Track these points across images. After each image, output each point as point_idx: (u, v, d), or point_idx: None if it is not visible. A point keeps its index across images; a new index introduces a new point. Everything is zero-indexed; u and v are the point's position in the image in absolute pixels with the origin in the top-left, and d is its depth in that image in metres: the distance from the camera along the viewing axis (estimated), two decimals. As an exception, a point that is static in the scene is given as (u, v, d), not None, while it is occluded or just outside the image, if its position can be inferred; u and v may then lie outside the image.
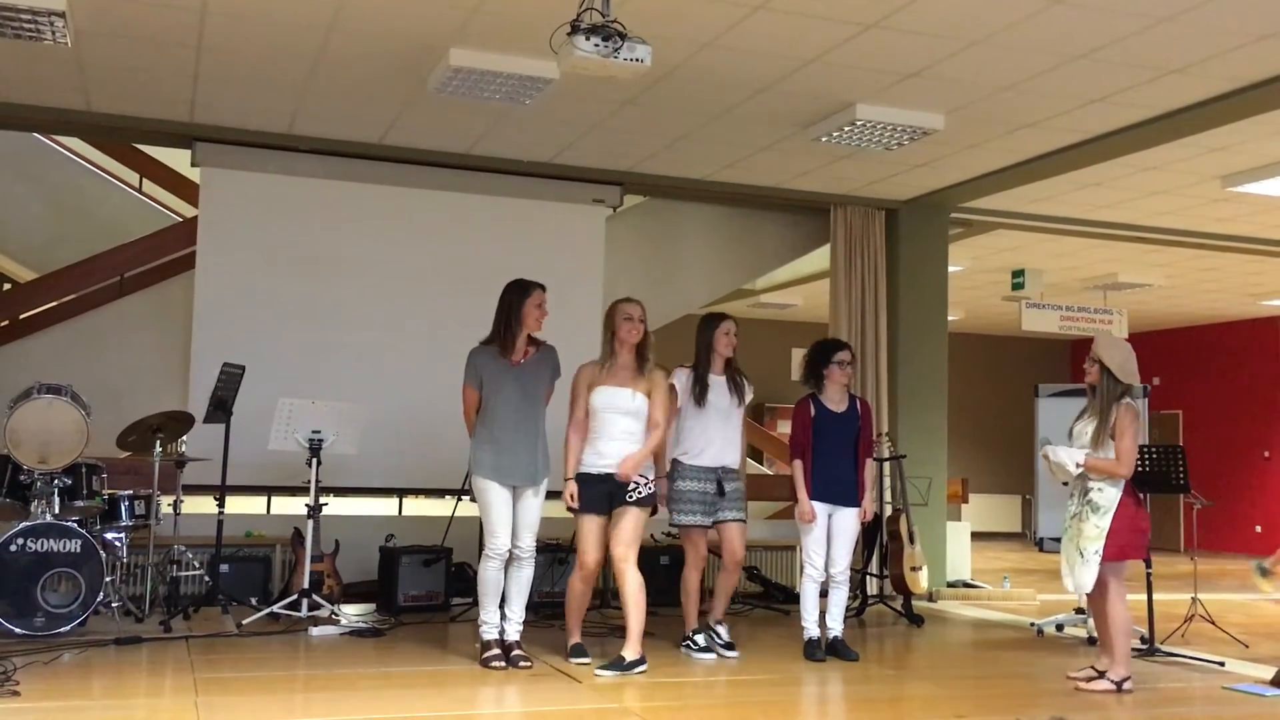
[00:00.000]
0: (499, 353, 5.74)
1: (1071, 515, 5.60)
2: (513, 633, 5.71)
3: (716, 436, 6.13)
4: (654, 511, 5.90)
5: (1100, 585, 5.50)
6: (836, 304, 9.28)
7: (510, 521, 5.66)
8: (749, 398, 6.30)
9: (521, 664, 5.57)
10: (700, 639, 6.06)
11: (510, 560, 5.69)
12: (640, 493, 5.66)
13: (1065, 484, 5.73)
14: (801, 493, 6.13)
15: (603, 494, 5.67)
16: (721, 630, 6.13)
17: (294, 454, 6.77)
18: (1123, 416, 5.48)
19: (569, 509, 5.75)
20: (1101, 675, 5.54)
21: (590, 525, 5.69)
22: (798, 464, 6.19)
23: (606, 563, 5.82)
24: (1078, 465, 5.53)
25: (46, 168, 10.03)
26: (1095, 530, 5.46)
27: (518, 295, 5.76)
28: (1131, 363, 5.60)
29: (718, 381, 6.20)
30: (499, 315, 5.78)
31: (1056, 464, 5.61)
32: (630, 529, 5.64)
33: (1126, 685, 5.47)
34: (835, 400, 6.28)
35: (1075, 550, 5.52)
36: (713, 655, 6.00)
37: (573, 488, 5.70)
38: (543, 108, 7.13)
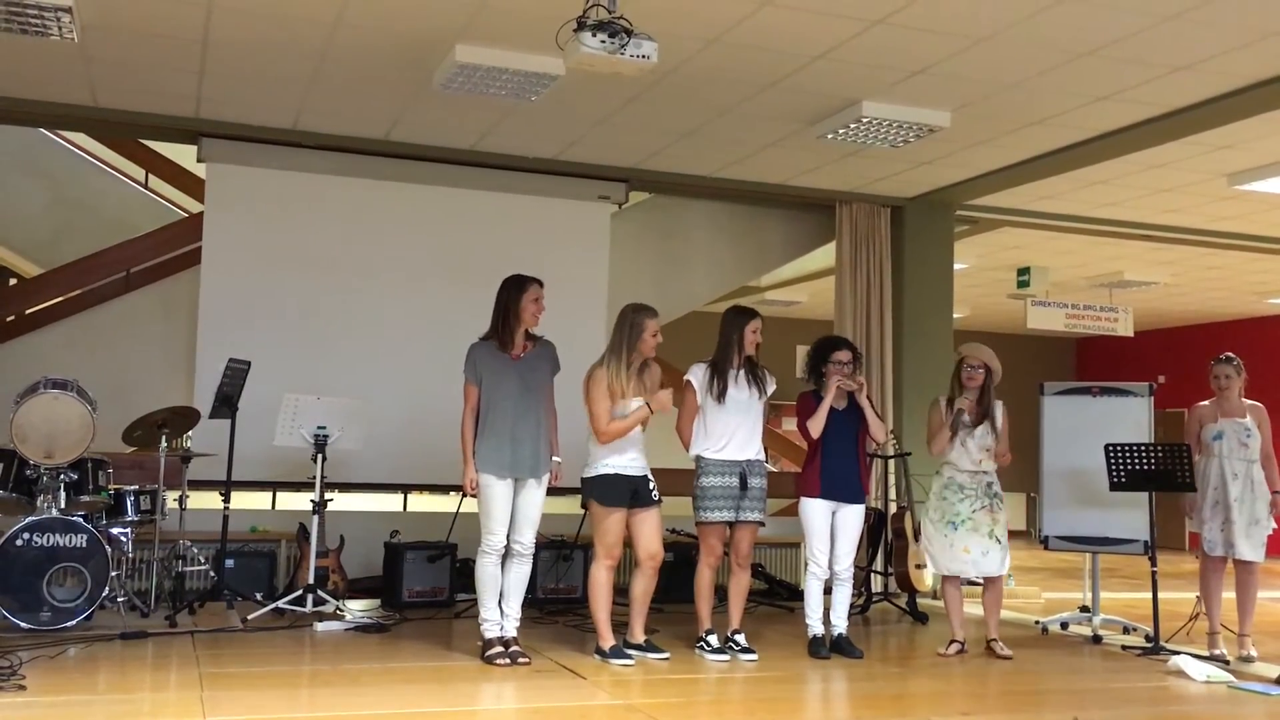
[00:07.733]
0: (498, 347, 5.77)
1: (981, 508, 6.37)
2: (510, 629, 5.72)
3: (739, 430, 6.12)
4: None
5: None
6: (841, 301, 9.27)
7: (508, 518, 5.68)
8: (771, 389, 6.26)
9: (520, 660, 5.57)
10: (714, 640, 6.05)
11: (509, 555, 5.70)
12: (656, 492, 5.96)
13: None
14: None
15: (627, 491, 5.87)
16: (740, 639, 6.12)
17: (299, 449, 6.78)
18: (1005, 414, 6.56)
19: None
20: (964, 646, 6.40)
21: (618, 519, 5.84)
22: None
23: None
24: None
25: (52, 163, 10.03)
26: (1005, 518, 6.41)
27: (514, 290, 5.79)
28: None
29: (737, 374, 6.18)
30: (496, 310, 5.82)
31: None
32: (659, 529, 5.97)
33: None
34: (836, 397, 6.28)
35: (991, 538, 6.34)
36: (726, 656, 5.98)
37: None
38: (548, 104, 7.13)
